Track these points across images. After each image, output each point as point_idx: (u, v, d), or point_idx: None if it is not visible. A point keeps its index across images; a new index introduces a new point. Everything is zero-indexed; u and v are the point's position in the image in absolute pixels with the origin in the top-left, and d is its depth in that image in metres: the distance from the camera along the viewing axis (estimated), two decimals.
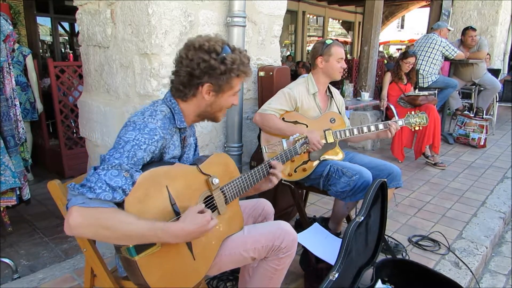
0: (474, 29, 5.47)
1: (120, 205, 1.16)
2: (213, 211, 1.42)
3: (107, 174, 1.13)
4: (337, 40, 2.51)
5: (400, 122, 2.39)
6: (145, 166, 1.25)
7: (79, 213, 1.08)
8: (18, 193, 2.65)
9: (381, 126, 2.34)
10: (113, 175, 1.14)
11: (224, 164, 1.53)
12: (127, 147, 1.20)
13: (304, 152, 1.83)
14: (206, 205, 1.38)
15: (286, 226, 1.50)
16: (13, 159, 2.63)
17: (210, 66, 1.31)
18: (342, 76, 3.56)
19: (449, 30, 5.54)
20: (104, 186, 1.12)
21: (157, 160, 1.32)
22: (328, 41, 2.33)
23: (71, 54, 9.93)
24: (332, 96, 2.47)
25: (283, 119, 2.26)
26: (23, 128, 2.80)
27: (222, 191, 1.46)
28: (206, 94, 1.36)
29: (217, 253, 1.43)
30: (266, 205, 1.74)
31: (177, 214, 1.27)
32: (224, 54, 1.32)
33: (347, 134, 2.33)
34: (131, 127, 1.26)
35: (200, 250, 1.34)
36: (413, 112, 2.42)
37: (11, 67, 2.68)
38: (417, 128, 2.42)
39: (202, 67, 1.31)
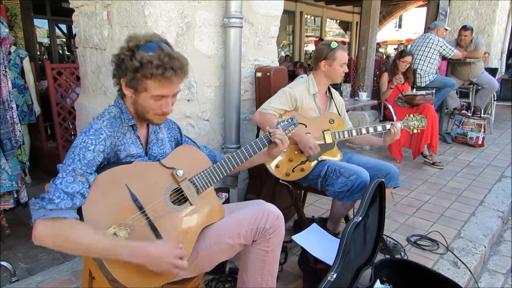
0: (467, 29, 5.48)
1: (80, 209, 1.18)
2: (184, 202, 1.43)
3: (62, 183, 1.16)
4: (342, 42, 2.51)
5: (399, 125, 2.40)
6: (103, 168, 1.28)
7: (43, 225, 1.12)
8: (15, 196, 2.65)
9: (379, 128, 2.35)
10: (68, 182, 1.17)
11: (191, 156, 1.54)
12: (76, 151, 1.23)
13: (291, 133, 1.80)
14: (175, 197, 1.41)
15: (268, 206, 1.51)
16: (10, 162, 2.62)
17: (123, 60, 1.31)
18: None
19: (446, 29, 5.55)
20: (62, 195, 1.14)
21: (114, 160, 1.34)
22: (333, 45, 2.32)
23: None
24: (332, 97, 2.47)
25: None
26: (20, 131, 2.80)
27: (192, 182, 1.46)
28: (125, 90, 1.35)
29: (201, 245, 1.43)
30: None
31: (140, 208, 1.28)
32: (142, 51, 1.27)
33: (346, 135, 2.33)
34: (80, 133, 1.29)
35: (175, 242, 1.33)
36: (411, 115, 2.42)
37: (7, 69, 2.68)
38: (415, 131, 2.43)
39: (115, 59, 1.35)
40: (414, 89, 4.65)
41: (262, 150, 1.66)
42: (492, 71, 6.14)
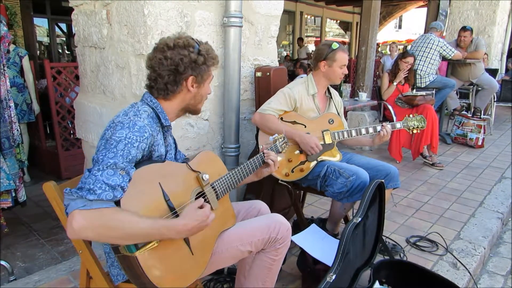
0: (466, 30, 5.47)
1: (117, 203, 1.16)
2: None
3: (103, 174, 1.14)
4: (342, 42, 2.51)
5: (398, 125, 2.39)
6: (136, 165, 1.26)
7: (82, 216, 1.08)
8: (13, 195, 2.64)
9: (379, 128, 2.34)
10: (109, 175, 1.14)
11: (212, 161, 1.59)
12: (120, 146, 1.20)
13: (285, 150, 1.91)
14: None
15: (280, 218, 1.56)
16: (8, 161, 2.61)
17: (192, 60, 1.37)
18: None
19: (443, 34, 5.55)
20: (103, 186, 1.12)
21: (147, 158, 1.34)
22: (334, 45, 2.31)
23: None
24: (331, 97, 2.47)
25: (281, 119, 2.26)
26: (18, 130, 2.78)
27: (213, 187, 1.49)
28: (191, 86, 1.42)
29: (214, 250, 1.45)
30: (262, 207, 1.75)
31: (171, 209, 1.29)
32: (199, 47, 1.40)
33: (345, 135, 2.33)
34: (119, 126, 1.26)
35: (197, 245, 1.36)
36: (411, 115, 2.41)
37: (5, 68, 2.66)
38: (415, 131, 2.42)
39: (185, 61, 1.37)
40: (414, 90, 4.65)
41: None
42: (492, 72, 6.13)
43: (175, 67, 1.36)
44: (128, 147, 1.21)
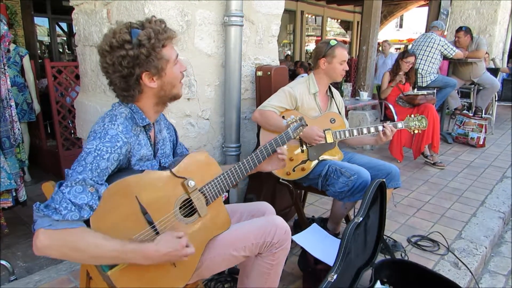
0: (460, 30, 5.47)
1: (88, 220, 1.12)
2: (193, 214, 1.38)
3: (71, 192, 1.10)
4: (343, 41, 2.50)
5: (400, 125, 2.38)
6: (113, 175, 1.21)
7: (46, 236, 1.05)
8: (14, 194, 2.63)
9: (380, 128, 2.33)
10: (77, 192, 1.10)
11: (202, 163, 1.45)
12: (89, 158, 1.15)
13: (298, 136, 1.76)
14: (185, 209, 1.36)
15: (276, 220, 1.47)
16: (8, 160, 2.61)
17: (133, 57, 1.21)
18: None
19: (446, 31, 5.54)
20: (69, 206, 1.08)
21: (125, 165, 1.28)
22: (332, 42, 2.31)
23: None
24: (333, 97, 2.46)
25: (283, 117, 2.25)
26: (18, 129, 2.78)
27: (202, 192, 1.40)
28: (149, 82, 1.28)
29: (206, 256, 1.40)
30: (267, 210, 1.66)
31: (150, 223, 1.23)
32: (135, 38, 1.21)
33: (347, 134, 2.32)
34: (92, 136, 1.20)
35: None
36: (413, 115, 2.40)
37: (6, 67, 2.66)
38: (416, 132, 2.41)
39: (126, 62, 1.22)
40: (415, 89, 4.64)
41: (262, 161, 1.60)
42: (494, 72, 6.12)
43: (119, 72, 1.24)
44: (97, 160, 1.15)
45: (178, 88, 1.37)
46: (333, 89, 2.49)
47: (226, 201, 2.27)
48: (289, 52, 13.10)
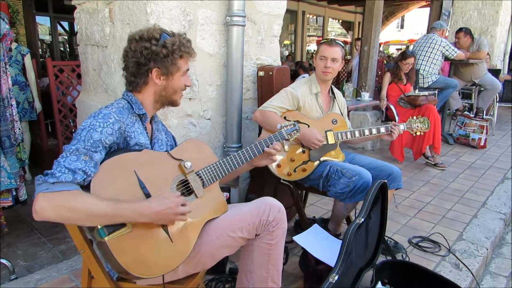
0: (459, 31, 5.47)
1: (87, 189, 1.20)
2: (190, 194, 1.45)
3: (66, 160, 1.19)
4: (344, 42, 2.50)
5: (402, 127, 2.38)
6: (112, 153, 1.30)
7: (43, 198, 1.13)
8: (14, 193, 2.63)
9: (382, 130, 2.33)
10: (72, 160, 1.19)
11: (198, 149, 1.57)
12: (83, 133, 1.25)
13: (293, 139, 1.82)
14: (182, 188, 1.43)
15: (270, 200, 1.53)
16: (9, 160, 2.61)
17: (153, 52, 1.38)
18: (342, 77, 3.49)
19: (448, 31, 5.54)
20: (63, 169, 1.17)
21: (123, 146, 1.36)
22: (324, 40, 2.34)
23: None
24: (335, 98, 2.45)
25: (284, 118, 2.25)
26: (19, 129, 2.78)
27: (198, 175, 1.48)
28: (156, 79, 1.42)
29: (204, 239, 1.44)
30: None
31: (147, 196, 1.30)
32: (163, 40, 1.39)
33: (349, 136, 2.32)
34: (87, 117, 1.32)
35: (177, 232, 1.36)
36: (415, 117, 2.41)
37: (7, 66, 2.66)
38: (418, 133, 2.41)
39: (145, 54, 1.38)
40: (417, 90, 4.63)
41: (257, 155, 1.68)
42: (495, 73, 6.11)
43: (137, 59, 1.39)
44: (90, 132, 1.25)
45: (178, 96, 1.51)
46: (336, 90, 2.48)
47: (227, 201, 2.26)
48: (287, 52, 13.11)
